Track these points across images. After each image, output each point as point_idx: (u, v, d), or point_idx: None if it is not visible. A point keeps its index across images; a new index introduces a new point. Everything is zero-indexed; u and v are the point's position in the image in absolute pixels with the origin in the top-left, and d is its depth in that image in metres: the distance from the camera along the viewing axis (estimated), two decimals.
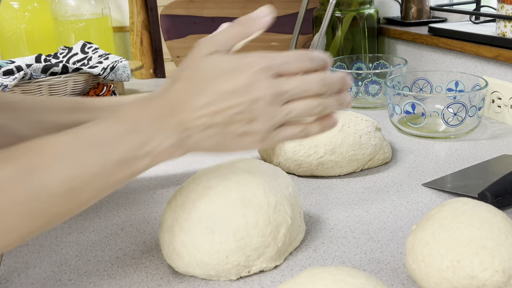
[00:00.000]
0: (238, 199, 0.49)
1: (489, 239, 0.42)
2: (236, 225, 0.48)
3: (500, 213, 0.46)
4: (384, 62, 1.10)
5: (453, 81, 0.91)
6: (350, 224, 0.58)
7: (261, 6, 0.51)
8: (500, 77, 0.92)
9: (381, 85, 1.00)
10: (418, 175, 0.70)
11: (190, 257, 0.48)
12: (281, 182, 0.53)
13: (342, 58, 1.10)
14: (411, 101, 0.83)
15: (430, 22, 1.18)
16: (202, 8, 1.30)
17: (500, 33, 0.90)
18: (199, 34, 1.32)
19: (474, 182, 0.66)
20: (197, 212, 0.49)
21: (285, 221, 0.51)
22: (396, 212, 0.61)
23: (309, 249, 0.54)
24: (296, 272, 0.50)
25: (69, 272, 0.52)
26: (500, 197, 0.57)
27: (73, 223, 0.62)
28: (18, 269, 0.53)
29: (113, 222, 0.62)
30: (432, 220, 0.46)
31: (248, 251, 0.48)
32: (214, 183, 0.51)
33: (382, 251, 0.53)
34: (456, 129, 0.83)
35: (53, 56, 1.10)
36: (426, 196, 0.64)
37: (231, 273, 0.49)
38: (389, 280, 0.48)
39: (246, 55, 0.45)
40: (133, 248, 0.56)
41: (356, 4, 1.13)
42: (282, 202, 0.51)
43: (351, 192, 0.66)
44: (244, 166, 0.54)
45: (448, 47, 1.02)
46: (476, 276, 0.41)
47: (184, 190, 0.52)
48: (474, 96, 0.81)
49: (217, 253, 0.48)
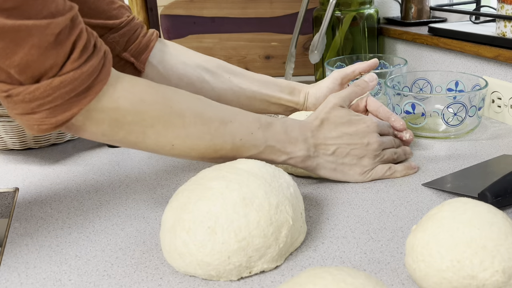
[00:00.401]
0: (239, 199, 0.49)
1: (489, 239, 0.42)
2: (237, 226, 0.48)
3: (500, 213, 0.46)
4: (384, 62, 1.10)
5: (453, 81, 0.91)
6: (350, 224, 0.58)
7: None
8: (500, 77, 0.92)
9: (381, 85, 1.00)
10: (418, 175, 0.70)
11: (191, 257, 0.48)
12: (282, 183, 0.53)
13: (342, 58, 1.10)
14: (411, 101, 0.83)
15: (430, 22, 1.18)
16: (202, 8, 1.30)
17: (500, 33, 0.90)
18: (199, 34, 1.32)
19: (474, 182, 0.66)
20: (199, 212, 0.49)
21: (287, 221, 0.51)
22: (396, 212, 0.61)
23: (309, 249, 0.54)
24: (296, 272, 0.50)
25: (69, 272, 0.52)
26: (500, 197, 0.57)
27: (73, 223, 0.62)
28: (18, 269, 0.53)
29: (113, 222, 0.62)
30: (432, 220, 0.46)
31: (250, 252, 0.48)
32: (215, 184, 0.51)
33: (382, 251, 0.53)
34: (456, 129, 0.83)
35: None
36: (426, 196, 0.64)
37: (233, 274, 0.49)
38: (389, 280, 0.48)
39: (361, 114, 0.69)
40: (133, 248, 0.56)
41: (356, 4, 1.13)
42: (283, 202, 0.51)
43: (351, 192, 0.66)
44: (246, 166, 0.54)
45: (448, 47, 1.02)
46: (476, 276, 0.41)
47: (185, 191, 0.52)
48: (474, 96, 0.81)
49: (219, 253, 0.48)
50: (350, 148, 0.66)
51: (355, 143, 0.66)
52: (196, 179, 0.54)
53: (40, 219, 0.64)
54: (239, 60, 1.33)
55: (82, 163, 0.81)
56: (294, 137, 0.63)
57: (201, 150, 0.59)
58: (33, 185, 0.74)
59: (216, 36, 1.32)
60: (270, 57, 1.32)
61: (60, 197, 0.70)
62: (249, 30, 1.30)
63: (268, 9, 1.28)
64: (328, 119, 0.66)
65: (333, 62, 1.08)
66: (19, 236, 0.60)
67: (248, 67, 1.33)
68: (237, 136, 0.60)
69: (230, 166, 0.55)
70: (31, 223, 0.63)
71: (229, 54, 1.33)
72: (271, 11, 1.29)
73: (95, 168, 0.79)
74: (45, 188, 0.73)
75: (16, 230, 0.61)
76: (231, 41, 1.32)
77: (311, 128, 0.65)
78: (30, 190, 0.73)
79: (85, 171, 0.78)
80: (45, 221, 0.63)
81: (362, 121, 0.67)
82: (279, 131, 0.63)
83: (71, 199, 0.69)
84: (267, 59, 1.32)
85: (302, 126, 0.65)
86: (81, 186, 0.73)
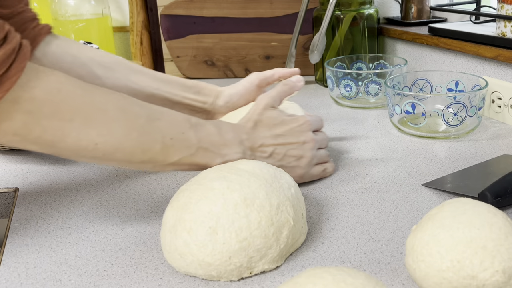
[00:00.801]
0: (240, 200, 0.49)
1: (489, 239, 0.42)
2: (239, 226, 0.48)
3: (500, 213, 0.46)
4: (384, 62, 1.10)
5: (453, 81, 0.91)
6: (350, 224, 0.58)
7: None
8: (500, 77, 0.92)
9: (381, 85, 1.00)
10: (418, 175, 0.70)
11: (192, 257, 0.48)
12: (283, 184, 0.53)
13: (342, 58, 1.10)
14: (411, 101, 0.83)
15: (430, 22, 1.18)
16: (202, 8, 1.30)
17: (500, 33, 0.90)
18: (199, 34, 1.32)
19: (474, 182, 0.66)
20: (200, 212, 0.49)
21: (288, 222, 0.51)
22: (396, 212, 0.61)
23: (309, 249, 0.54)
24: (296, 272, 0.50)
25: (69, 272, 0.52)
26: (500, 197, 0.57)
27: (73, 223, 0.62)
28: (18, 269, 0.53)
29: (113, 222, 0.62)
30: (432, 220, 0.46)
31: (251, 252, 0.48)
32: (217, 184, 0.51)
33: (382, 251, 0.53)
34: (456, 129, 0.83)
35: None
36: (426, 196, 0.64)
37: (233, 274, 0.49)
38: (389, 280, 0.48)
39: (294, 114, 0.67)
40: (133, 248, 0.56)
41: (356, 4, 1.13)
42: (284, 203, 0.51)
43: (351, 192, 0.66)
44: (246, 167, 0.54)
45: (448, 47, 1.02)
46: (476, 276, 0.42)
47: (186, 191, 0.52)
48: (474, 96, 0.81)
49: (220, 253, 0.48)
50: (287, 149, 0.64)
51: (291, 143, 0.64)
52: (197, 179, 0.54)
53: (40, 219, 0.64)
54: (239, 60, 1.33)
55: (82, 163, 0.81)
56: (229, 139, 0.60)
57: (127, 150, 0.54)
58: (33, 185, 0.74)
59: (216, 36, 1.32)
60: (270, 57, 1.32)
61: (60, 197, 0.70)
62: (249, 30, 1.30)
63: (268, 9, 1.28)
64: (262, 120, 0.63)
65: (333, 62, 1.08)
66: (19, 236, 0.60)
67: (248, 67, 1.33)
68: (167, 135, 0.55)
69: (231, 166, 0.55)
70: (31, 223, 0.63)
71: (229, 54, 1.33)
72: (271, 11, 1.29)
73: (95, 168, 0.79)
74: (45, 188, 0.73)
75: (16, 230, 0.61)
76: (231, 41, 1.32)
77: (245, 130, 0.62)
78: (30, 190, 0.73)
79: (85, 171, 0.78)
80: (45, 221, 0.63)
81: (295, 120, 0.65)
82: (213, 133, 0.59)
83: (71, 199, 0.69)
84: (267, 59, 1.32)
85: (236, 128, 0.62)
86: (81, 186, 0.73)
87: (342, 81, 1.01)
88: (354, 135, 0.87)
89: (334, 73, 1.02)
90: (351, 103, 1.03)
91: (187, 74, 1.36)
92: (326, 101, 1.09)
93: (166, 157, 0.56)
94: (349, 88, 1.01)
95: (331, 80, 1.03)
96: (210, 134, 0.59)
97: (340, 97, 1.04)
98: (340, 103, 1.05)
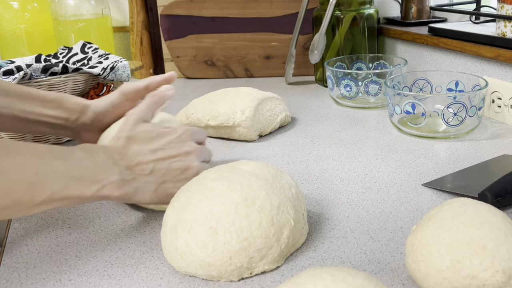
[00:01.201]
0: (241, 200, 0.49)
1: (489, 239, 0.42)
2: (239, 226, 0.48)
3: (500, 213, 0.46)
4: (384, 62, 1.10)
5: (453, 81, 0.92)
6: (350, 224, 0.58)
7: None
8: (500, 77, 0.92)
9: (381, 85, 1.00)
10: (418, 175, 0.70)
11: (193, 257, 0.48)
12: (284, 184, 0.53)
13: (342, 58, 1.10)
14: (411, 101, 0.83)
15: (430, 22, 1.18)
16: (202, 8, 1.30)
17: (500, 33, 0.90)
18: (199, 34, 1.32)
19: (474, 182, 0.66)
20: (201, 213, 0.49)
21: (288, 222, 0.51)
22: (396, 212, 0.61)
23: (309, 249, 0.54)
24: (296, 272, 0.50)
25: (69, 272, 0.52)
26: (500, 197, 0.57)
27: (73, 223, 0.62)
28: (18, 269, 0.53)
29: (113, 222, 0.62)
30: (432, 220, 0.46)
31: (251, 253, 0.48)
32: (217, 184, 0.51)
33: (382, 251, 0.53)
34: (456, 129, 0.83)
35: (53, 56, 1.10)
36: (426, 196, 0.64)
37: (234, 275, 0.49)
38: (389, 280, 0.48)
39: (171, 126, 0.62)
40: (133, 248, 0.56)
41: (356, 4, 1.13)
42: (285, 203, 0.51)
43: (351, 192, 0.66)
44: (247, 167, 0.54)
45: (448, 47, 1.02)
46: (476, 276, 0.42)
47: (187, 191, 0.52)
48: (474, 96, 0.81)
49: (221, 253, 0.48)
50: (169, 163, 0.58)
51: (172, 156, 0.59)
52: (198, 179, 0.54)
53: (40, 219, 0.64)
54: (239, 60, 1.33)
55: None
56: (101, 162, 0.53)
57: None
58: None
59: (216, 36, 1.32)
60: (270, 57, 1.32)
61: None
62: (249, 30, 1.30)
63: (268, 9, 1.28)
64: (134, 136, 0.58)
65: (333, 62, 1.08)
66: (19, 236, 0.60)
67: (248, 67, 1.33)
68: (30, 170, 0.48)
69: (232, 167, 0.55)
70: (31, 223, 0.63)
71: (229, 54, 1.33)
72: (271, 11, 1.29)
73: None
74: None
75: (16, 230, 0.61)
76: (231, 41, 1.32)
77: (117, 149, 0.56)
78: None
79: None
80: (45, 221, 0.63)
81: (173, 131, 0.60)
82: (82, 157, 0.52)
83: None
84: (267, 59, 1.32)
85: (107, 149, 0.56)
86: None
87: (342, 81, 1.01)
88: (354, 135, 0.87)
89: (334, 73, 1.02)
90: (351, 103, 1.03)
91: (187, 74, 1.36)
92: (326, 101, 1.09)
93: (34, 196, 0.48)
94: (349, 88, 1.01)
95: (331, 80, 1.03)
96: (79, 159, 0.52)
97: (340, 97, 1.04)
98: (340, 103, 1.05)
